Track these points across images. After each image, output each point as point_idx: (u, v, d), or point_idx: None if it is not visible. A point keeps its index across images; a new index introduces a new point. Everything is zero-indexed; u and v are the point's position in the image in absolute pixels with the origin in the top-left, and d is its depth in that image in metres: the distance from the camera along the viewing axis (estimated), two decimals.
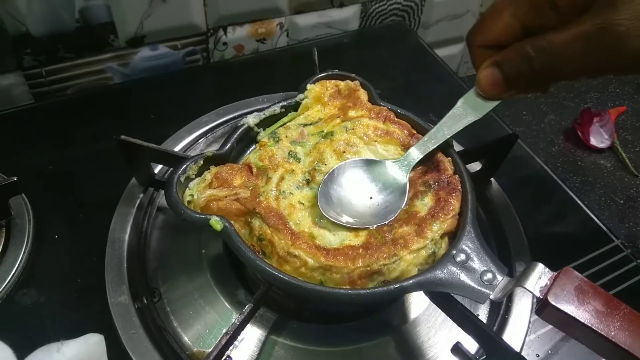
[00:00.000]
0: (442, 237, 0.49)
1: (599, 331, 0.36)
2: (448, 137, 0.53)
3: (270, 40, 0.94)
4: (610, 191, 0.91)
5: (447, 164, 0.54)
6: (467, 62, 1.16)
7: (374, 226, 0.50)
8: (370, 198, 0.53)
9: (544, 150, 0.98)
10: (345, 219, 0.51)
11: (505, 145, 0.64)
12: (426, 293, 0.52)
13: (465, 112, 0.51)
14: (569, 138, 1.01)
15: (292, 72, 0.63)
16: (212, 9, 0.84)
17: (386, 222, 0.50)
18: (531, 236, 0.64)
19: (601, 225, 0.69)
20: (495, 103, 0.49)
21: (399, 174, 0.54)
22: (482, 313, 0.58)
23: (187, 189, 0.52)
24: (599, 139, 0.98)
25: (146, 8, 0.78)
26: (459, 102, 0.51)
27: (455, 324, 0.51)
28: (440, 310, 0.53)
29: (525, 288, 0.40)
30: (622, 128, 1.03)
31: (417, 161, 0.54)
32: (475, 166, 0.70)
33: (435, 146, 0.53)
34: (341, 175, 0.54)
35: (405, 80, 0.56)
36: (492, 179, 0.70)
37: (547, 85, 0.46)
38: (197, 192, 0.51)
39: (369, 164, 0.55)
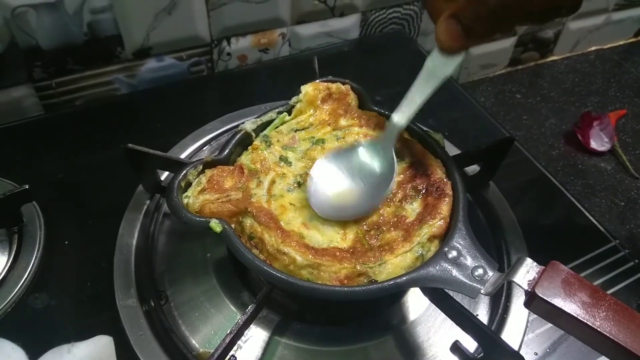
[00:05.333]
0: (430, 240, 0.49)
1: (585, 321, 0.37)
2: (422, 101, 0.51)
3: (273, 50, 0.95)
4: (611, 194, 0.92)
5: (436, 167, 0.56)
6: (466, 68, 1.17)
7: (372, 210, 0.52)
8: (363, 184, 0.54)
9: (545, 154, 0.99)
10: (342, 213, 0.52)
11: (502, 148, 0.65)
12: (424, 293, 0.53)
13: (431, 76, 0.50)
14: (570, 142, 1.02)
15: (294, 81, 0.64)
16: (216, 20, 0.86)
17: (380, 202, 0.52)
18: (531, 239, 0.65)
19: (600, 226, 0.69)
20: (459, 59, 0.48)
21: (383, 150, 0.55)
22: (481, 312, 0.58)
23: (184, 192, 0.53)
24: (599, 142, 0.99)
25: (152, 21, 0.81)
26: (424, 68, 0.50)
27: (454, 324, 0.52)
28: (439, 311, 0.53)
29: (514, 282, 0.41)
30: (622, 131, 1.04)
31: (399, 132, 0.54)
32: (474, 170, 0.71)
33: (412, 114, 0.52)
34: (326, 172, 0.55)
35: (405, 87, 0.57)
36: (491, 182, 0.71)
37: (508, 26, 0.44)
38: (193, 196, 0.52)
39: (350, 151, 0.56)
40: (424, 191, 0.53)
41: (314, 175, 0.54)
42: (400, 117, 0.53)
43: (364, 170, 0.55)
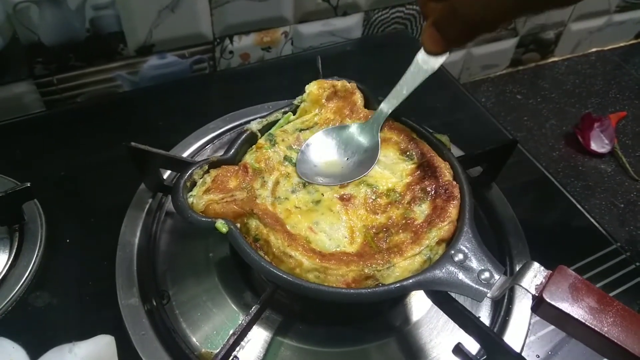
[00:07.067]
0: (438, 243, 0.49)
1: (593, 327, 0.37)
2: (409, 92, 0.57)
3: (276, 48, 0.95)
4: (610, 195, 0.92)
5: (444, 169, 0.55)
6: (468, 68, 1.17)
7: (350, 181, 0.56)
8: (347, 159, 0.59)
9: (545, 156, 0.99)
10: (322, 180, 0.56)
11: (505, 151, 0.65)
12: (428, 295, 0.53)
13: (420, 70, 0.55)
14: (570, 143, 1.02)
15: (297, 80, 0.64)
16: (219, 18, 0.85)
17: (359, 176, 0.56)
18: (532, 240, 0.65)
19: (600, 228, 0.70)
20: (444, 57, 0.53)
21: (370, 133, 0.59)
22: (483, 314, 0.59)
23: (189, 192, 0.53)
24: (599, 144, 0.99)
25: (155, 18, 0.80)
26: (414, 61, 0.56)
27: (457, 326, 0.52)
28: (442, 313, 0.53)
29: (521, 286, 0.41)
30: (623, 133, 1.05)
31: (385, 118, 0.59)
32: (476, 171, 0.71)
33: (399, 102, 0.58)
34: (318, 143, 0.59)
35: None
36: (493, 184, 0.71)
37: (482, 33, 0.47)
38: (197, 196, 0.52)
39: (342, 129, 0.60)
40: (432, 193, 0.53)
41: (308, 145, 0.59)
42: (388, 105, 0.59)
43: (350, 146, 0.59)
